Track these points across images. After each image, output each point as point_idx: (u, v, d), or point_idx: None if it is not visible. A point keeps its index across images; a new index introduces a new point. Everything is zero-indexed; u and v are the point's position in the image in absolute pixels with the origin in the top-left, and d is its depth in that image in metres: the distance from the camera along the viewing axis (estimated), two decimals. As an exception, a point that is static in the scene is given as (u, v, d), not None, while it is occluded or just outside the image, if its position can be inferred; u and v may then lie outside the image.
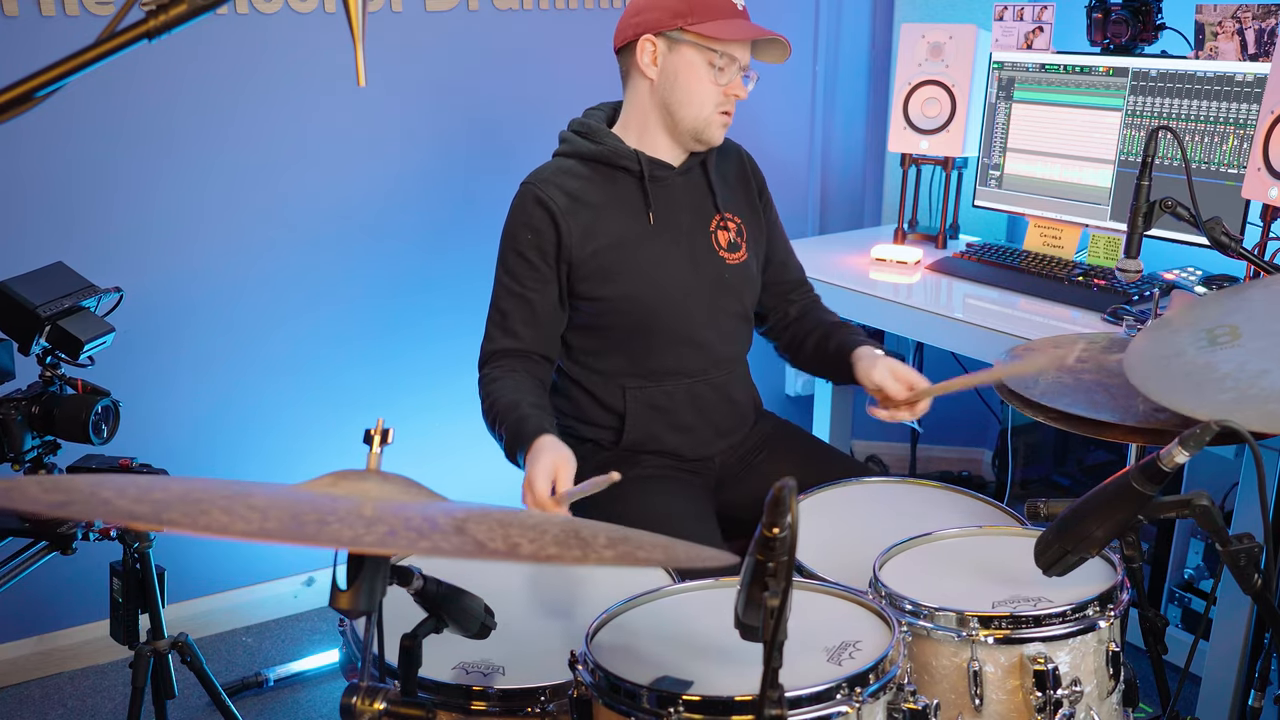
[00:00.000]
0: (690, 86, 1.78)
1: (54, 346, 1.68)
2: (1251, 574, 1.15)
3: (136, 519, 0.72)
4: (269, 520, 0.75)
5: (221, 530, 0.71)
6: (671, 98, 1.80)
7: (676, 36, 1.76)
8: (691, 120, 1.81)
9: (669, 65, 1.78)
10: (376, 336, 2.74)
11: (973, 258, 2.66)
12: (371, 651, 0.97)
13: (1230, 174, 2.30)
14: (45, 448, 1.71)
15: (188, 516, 0.73)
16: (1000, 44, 2.71)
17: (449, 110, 2.69)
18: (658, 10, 1.76)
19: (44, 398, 1.68)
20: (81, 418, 1.66)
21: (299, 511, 0.78)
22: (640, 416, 1.86)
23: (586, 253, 1.79)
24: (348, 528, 0.76)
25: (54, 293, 1.69)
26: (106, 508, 0.75)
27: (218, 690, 1.99)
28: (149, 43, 0.86)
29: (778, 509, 0.89)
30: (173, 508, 0.75)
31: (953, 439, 3.42)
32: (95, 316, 1.74)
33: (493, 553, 0.76)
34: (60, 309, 1.67)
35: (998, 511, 1.66)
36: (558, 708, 1.22)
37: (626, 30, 1.80)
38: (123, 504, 0.76)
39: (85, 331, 1.69)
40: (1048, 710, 1.25)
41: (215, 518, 0.74)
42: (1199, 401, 1.23)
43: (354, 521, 0.77)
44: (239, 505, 0.77)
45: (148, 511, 0.74)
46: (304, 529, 0.74)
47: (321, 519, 0.76)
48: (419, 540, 0.75)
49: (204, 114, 2.41)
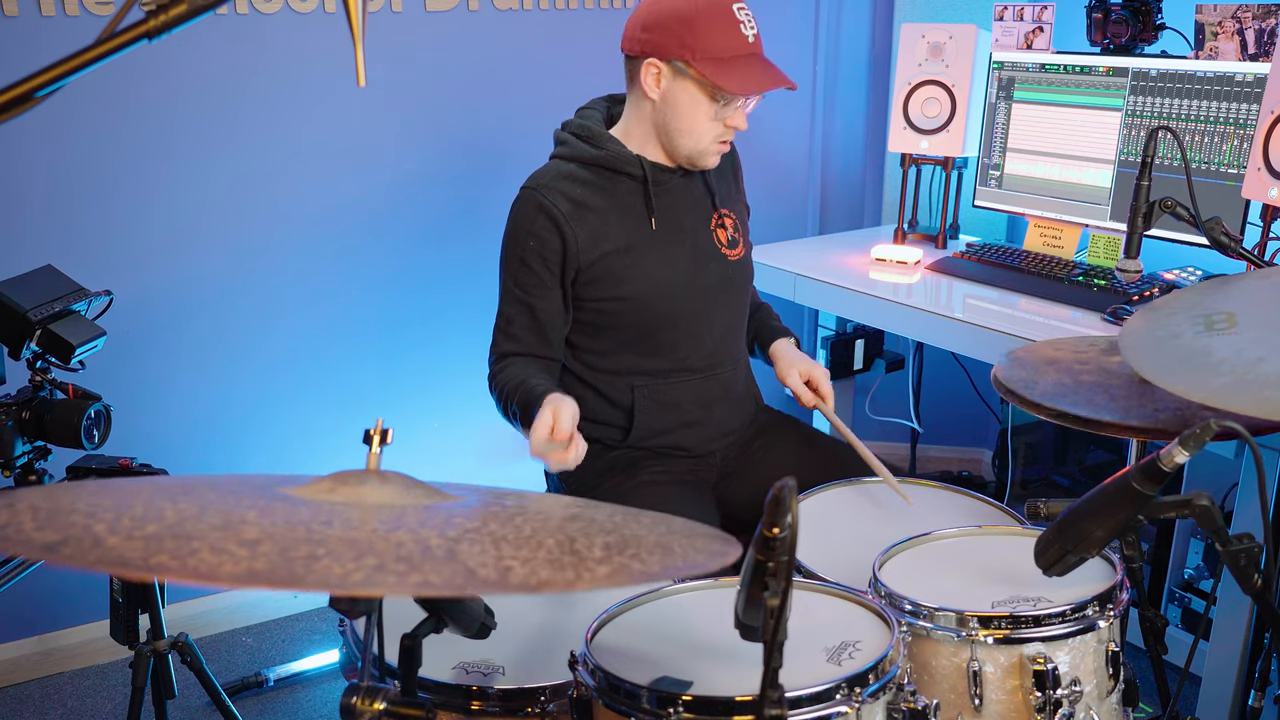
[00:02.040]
0: (690, 117, 1.77)
1: (45, 351, 1.65)
2: (1251, 574, 1.15)
3: (127, 566, 0.74)
4: (257, 559, 0.76)
5: (209, 575, 0.73)
6: (670, 125, 1.79)
7: (681, 68, 1.73)
8: (688, 149, 1.80)
9: (671, 93, 1.76)
10: (376, 336, 2.74)
11: (973, 258, 2.66)
12: (371, 651, 0.97)
13: (1230, 174, 2.30)
14: (36, 453, 1.68)
15: (176, 559, 0.75)
16: (1000, 44, 2.71)
17: (449, 110, 2.69)
18: (664, 35, 1.72)
19: (35, 403, 1.64)
20: (73, 423, 1.63)
21: (289, 544, 0.79)
22: (648, 413, 1.86)
23: (594, 257, 1.79)
24: (337, 563, 0.77)
25: (44, 296, 1.66)
26: (97, 550, 0.76)
27: (218, 690, 1.99)
28: (149, 43, 0.86)
29: (778, 509, 0.89)
30: (163, 547, 0.77)
31: (953, 439, 3.42)
32: (86, 320, 1.71)
33: (483, 582, 0.77)
34: (51, 313, 1.64)
35: (998, 511, 1.66)
36: (558, 708, 1.22)
37: (634, 42, 1.77)
38: (114, 543, 0.77)
39: (76, 335, 1.65)
40: (1047, 710, 1.25)
41: (204, 560, 0.75)
42: (1195, 384, 1.23)
43: (343, 554, 0.78)
44: (230, 541, 0.79)
45: (137, 556, 0.75)
46: (293, 569, 0.75)
47: (311, 554, 0.77)
48: (409, 574, 0.76)
49: (204, 114, 2.41)
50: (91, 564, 0.74)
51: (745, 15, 1.74)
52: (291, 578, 0.74)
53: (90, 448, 1.67)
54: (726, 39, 1.71)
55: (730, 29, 1.71)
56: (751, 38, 1.74)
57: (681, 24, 1.70)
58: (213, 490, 0.94)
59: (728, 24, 1.71)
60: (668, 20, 1.71)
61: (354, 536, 0.82)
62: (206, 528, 0.81)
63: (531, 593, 0.79)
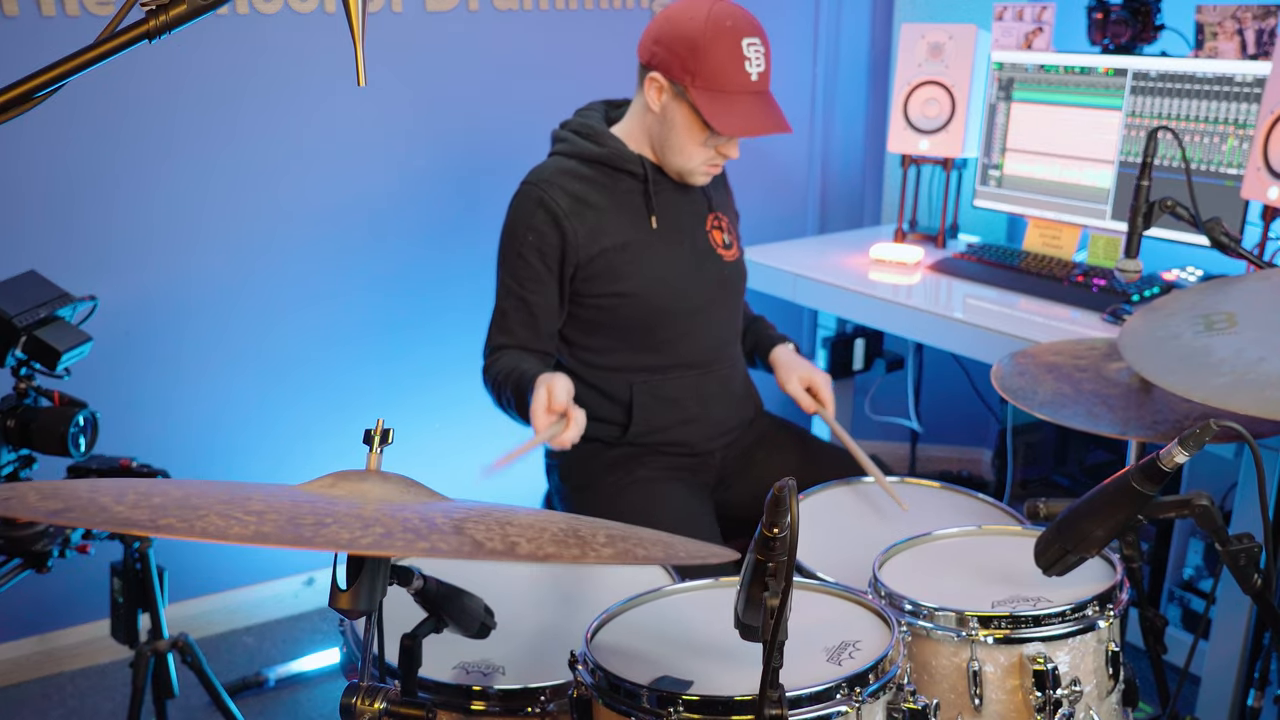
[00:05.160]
0: (683, 139, 1.77)
1: (30, 357, 1.61)
2: (1251, 574, 1.15)
3: (133, 525, 0.72)
4: (265, 524, 0.75)
5: (218, 535, 0.72)
6: (664, 139, 1.79)
7: (680, 91, 1.73)
8: (677, 166, 1.81)
9: (668, 111, 1.76)
10: (376, 336, 2.74)
11: (973, 258, 2.66)
12: (371, 651, 0.97)
13: (1230, 174, 2.30)
14: (21, 462, 1.65)
15: (184, 521, 0.74)
16: (1000, 44, 2.71)
17: (449, 110, 2.69)
18: (670, 55, 1.71)
19: (19, 411, 1.61)
20: (60, 431, 1.60)
21: (296, 514, 0.78)
22: (647, 409, 1.86)
23: (593, 253, 1.79)
24: (345, 530, 0.76)
25: (28, 302, 1.62)
26: (104, 514, 0.74)
27: (218, 690, 1.99)
28: (149, 43, 0.86)
29: (778, 509, 0.89)
30: (169, 512, 0.75)
31: (953, 439, 3.42)
32: (71, 326, 1.68)
33: (491, 552, 0.76)
34: (36, 319, 1.61)
35: (998, 511, 1.66)
36: (558, 708, 1.22)
37: (645, 50, 1.77)
38: (120, 510, 0.75)
39: (62, 341, 1.62)
40: (1047, 710, 1.25)
41: (212, 522, 0.74)
42: (1195, 384, 1.23)
43: (351, 523, 0.77)
44: (236, 510, 0.77)
45: (144, 518, 0.74)
46: (301, 532, 0.74)
47: (319, 521, 0.76)
48: (416, 542, 0.75)
49: (204, 114, 2.41)
50: (99, 524, 0.72)
51: (755, 52, 1.71)
52: (299, 539, 0.73)
53: (77, 455, 1.63)
54: (729, 73, 1.69)
55: (734, 63, 1.69)
56: (755, 76, 1.72)
57: (688, 48, 1.69)
58: (215, 485, 0.94)
59: (732, 57, 1.69)
60: (676, 41, 1.71)
61: (360, 513, 0.82)
62: (213, 500, 0.81)
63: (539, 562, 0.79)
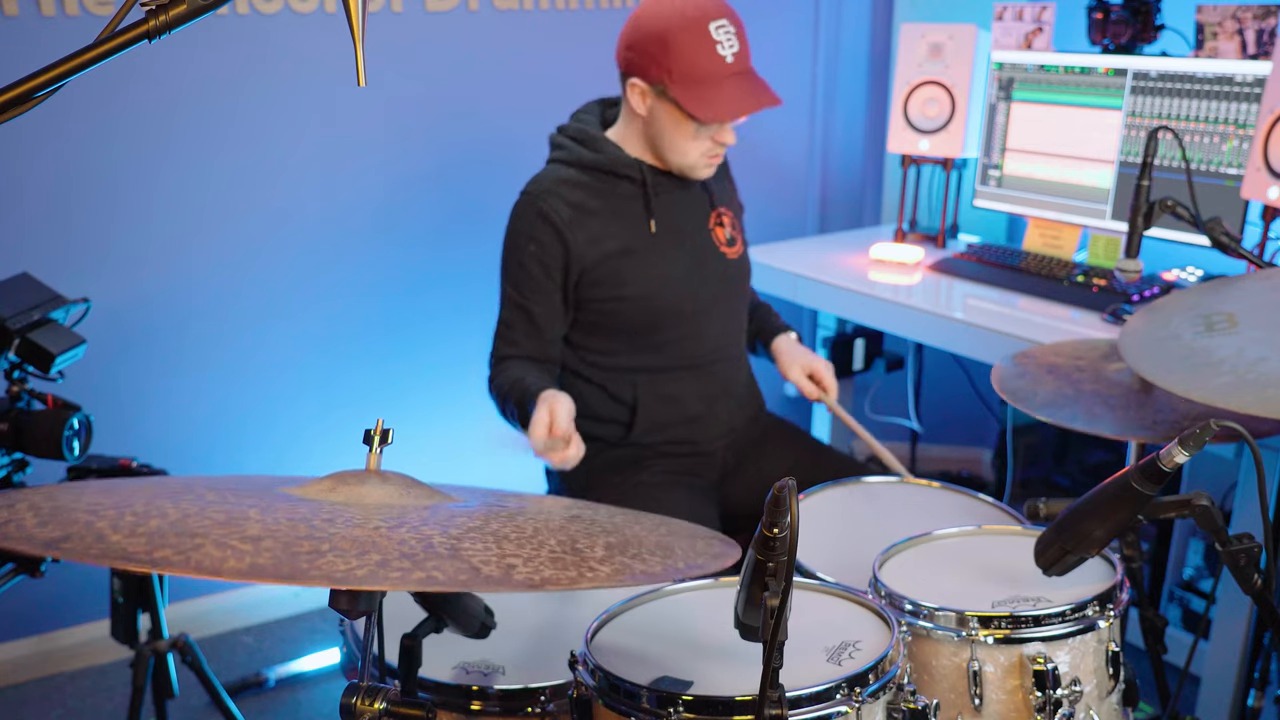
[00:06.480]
0: (674, 137, 1.76)
1: (23, 360, 1.60)
2: (1251, 574, 1.15)
3: (129, 560, 0.73)
4: (261, 554, 0.75)
5: (213, 570, 0.73)
6: (658, 142, 1.79)
7: (661, 90, 1.72)
8: (677, 164, 1.81)
9: (654, 113, 1.75)
10: (376, 336, 2.74)
11: (973, 258, 2.66)
12: (371, 651, 0.97)
13: (1230, 174, 2.30)
14: (14, 466, 1.62)
15: (180, 554, 0.74)
16: (1000, 44, 2.71)
17: (449, 111, 2.69)
18: (643, 57, 1.70)
19: (13, 414, 1.59)
20: (54, 434, 1.57)
21: (292, 540, 0.79)
22: (650, 408, 1.86)
23: (595, 260, 1.79)
24: (341, 559, 0.76)
25: (21, 304, 1.60)
26: (101, 545, 0.75)
27: (218, 690, 1.99)
28: (149, 43, 0.86)
29: (778, 509, 0.89)
30: (166, 542, 0.76)
31: (953, 439, 3.42)
32: (65, 328, 1.66)
33: (487, 579, 0.77)
34: (29, 321, 1.59)
35: (998, 511, 1.66)
36: (558, 708, 1.22)
37: (620, 58, 1.76)
38: (116, 539, 0.76)
39: (56, 344, 1.60)
40: (1047, 710, 1.25)
41: (208, 554, 0.75)
42: (1195, 384, 1.23)
43: (347, 550, 0.78)
44: (233, 537, 0.78)
45: (140, 550, 0.75)
46: (297, 564, 0.75)
47: (315, 550, 0.77)
48: (413, 571, 0.76)
49: (204, 114, 2.41)
50: (95, 558, 0.73)
51: (724, 34, 1.68)
52: (295, 573, 0.74)
53: (71, 459, 1.62)
54: (702, 61, 1.67)
55: (705, 50, 1.67)
56: (731, 57, 1.69)
57: (657, 46, 1.68)
58: (213, 490, 0.94)
59: (703, 45, 1.67)
60: (645, 41, 1.69)
61: (357, 534, 0.82)
62: (209, 524, 0.81)
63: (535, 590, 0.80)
